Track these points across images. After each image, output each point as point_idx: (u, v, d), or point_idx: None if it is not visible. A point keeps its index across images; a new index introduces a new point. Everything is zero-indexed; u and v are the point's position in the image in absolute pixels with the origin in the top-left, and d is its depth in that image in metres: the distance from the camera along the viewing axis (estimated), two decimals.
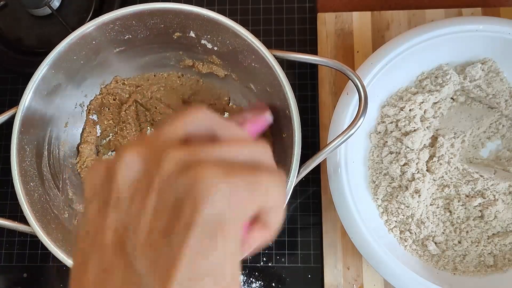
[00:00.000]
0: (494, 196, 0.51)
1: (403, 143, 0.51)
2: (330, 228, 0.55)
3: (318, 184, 0.57)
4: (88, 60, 0.51)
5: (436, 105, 0.53)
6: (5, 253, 0.58)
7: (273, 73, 0.46)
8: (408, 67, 0.53)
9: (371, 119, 0.53)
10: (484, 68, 0.53)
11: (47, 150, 0.51)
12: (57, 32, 0.59)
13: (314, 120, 0.59)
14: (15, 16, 0.61)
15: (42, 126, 0.50)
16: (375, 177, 0.53)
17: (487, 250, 0.50)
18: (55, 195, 0.51)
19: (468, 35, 0.51)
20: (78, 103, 0.55)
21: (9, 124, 0.47)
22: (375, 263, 0.48)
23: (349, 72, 0.45)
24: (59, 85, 0.50)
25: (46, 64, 0.47)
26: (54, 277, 0.58)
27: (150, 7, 0.47)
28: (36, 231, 0.45)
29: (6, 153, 0.57)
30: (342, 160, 0.49)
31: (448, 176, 0.52)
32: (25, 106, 0.47)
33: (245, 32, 0.47)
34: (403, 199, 0.50)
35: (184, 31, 0.50)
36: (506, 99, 0.53)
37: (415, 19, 0.58)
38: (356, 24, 0.59)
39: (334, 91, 0.57)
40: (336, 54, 0.58)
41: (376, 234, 0.49)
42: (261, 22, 0.62)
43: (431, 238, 0.51)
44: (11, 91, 0.62)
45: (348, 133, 0.44)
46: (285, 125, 0.48)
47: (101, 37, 0.49)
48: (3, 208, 0.59)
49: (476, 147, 0.54)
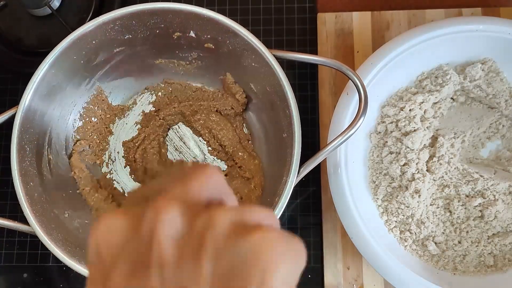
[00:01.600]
0: (494, 196, 0.51)
1: (403, 143, 0.51)
2: (330, 228, 0.55)
3: (318, 184, 0.57)
4: (88, 60, 0.51)
5: (436, 105, 0.53)
6: (5, 253, 0.58)
7: (273, 73, 0.46)
8: (408, 67, 0.53)
9: (371, 119, 0.53)
10: (484, 68, 0.53)
11: (47, 150, 0.51)
12: (57, 32, 0.59)
13: (314, 120, 0.59)
14: (15, 16, 0.61)
15: (42, 126, 0.50)
16: (375, 177, 0.53)
17: (487, 250, 0.50)
18: (55, 195, 0.51)
19: (468, 35, 0.51)
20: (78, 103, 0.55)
21: (9, 124, 0.47)
22: (375, 263, 0.48)
23: (349, 72, 0.45)
24: (59, 85, 0.50)
25: (46, 64, 0.47)
26: (54, 277, 0.58)
27: (150, 7, 0.47)
28: (36, 231, 0.45)
29: (6, 153, 0.57)
30: (342, 160, 0.49)
31: (448, 176, 0.52)
32: (25, 106, 0.47)
33: (245, 32, 0.47)
34: (403, 199, 0.50)
35: (184, 31, 0.50)
36: (506, 99, 0.53)
37: (415, 19, 0.58)
38: (356, 24, 0.59)
39: (334, 91, 0.57)
40: (336, 54, 0.58)
41: (376, 234, 0.49)
42: (261, 22, 0.62)
43: (431, 238, 0.51)
44: (11, 91, 0.62)
45: (348, 133, 0.44)
46: (285, 125, 0.48)
47: (101, 37, 0.49)
48: (3, 208, 0.59)
49: (476, 147, 0.54)
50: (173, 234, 0.20)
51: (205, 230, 0.20)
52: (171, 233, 0.20)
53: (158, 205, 0.20)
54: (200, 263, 0.19)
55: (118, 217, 0.21)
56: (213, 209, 0.20)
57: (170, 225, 0.20)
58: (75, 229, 0.50)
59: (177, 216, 0.20)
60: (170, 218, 0.20)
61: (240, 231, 0.20)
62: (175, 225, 0.20)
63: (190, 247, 0.20)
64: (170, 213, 0.20)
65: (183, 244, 0.20)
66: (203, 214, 0.20)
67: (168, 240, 0.20)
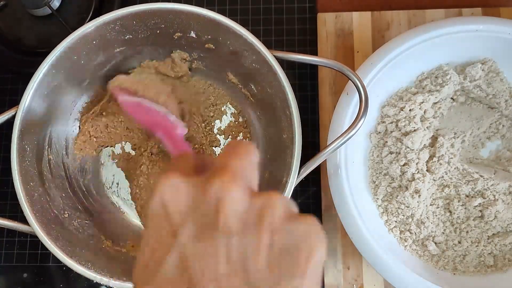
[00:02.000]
0: (494, 196, 0.51)
1: (403, 143, 0.51)
2: (330, 228, 0.55)
3: (318, 185, 0.57)
4: (88, 60, 0.51)
5: (436, 105, 0.53)
6: (5, 253, 0.58)
7: (273, 73, 0.46)
8: (408, 67, 0.53)
9: (371, 119, 0.53)
10: (484, 68, 0.53)
11: (47, 150, 0.51)
12: (57, 32, 0.59)
13: (314, 121, 0.59)
14: (15, 16, 0.61)
15: (42, 126, 0.50)
16: (375, 177, 0.53)
17: (487, 250, 0.50)
18: (55, 195, 0.51)
19: (468, 35, 0.51)
20: (78, 103, 0.55)
21: (9, 124, 0.47)
22: (375, 263, 0.48)
23: (349, 72, 0.45)
24: (59, 85, 0.50)
25: (46, 64, 0.47)
26: (54, 277, 0.58)
27: (150, 7, 0.47)
28: (36, 231, 0.45)
29: (6, 153, 0.57)
30: (342, 160, 0.49)
31: (448, 176, 0.52)
32: (25, 106, 0.47)
33: (246, 33, 0.47)
34: (403, 199, 0.50)
35: (185, 31, 0.50)
36: (506, 99, 0.53)
37: (415, 19, 0.58)
38: (356, 24, 0.59)
39: (334, 91, 0.57)
40: (336, 54, 0.58)
41: (376, 234, 0.49)
42: (261, 22, 0.62)
43: (431, 238, 0.51)
44: (11, 91, 0.62)
45: (348, 135, 0.44)
46: (285, 125, 0.48)
47: (101, 37, 0.49)
48: (3, 208, 0.59)
49: (476, 147, 0.54)
50: (237, 208, 0.23)
51: (264, 210, 0.23)
52: (236, 208, 0.23)
53: (225, 179, 0.24)
54: (260, 235, 0.23)
55: (185, 180, 0.24)
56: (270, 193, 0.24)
57: (235, 200, 0.23)
58: (75, 229, 0.50)
59: (241, 193, 0.23)
60: (236, 194, 0.23)
61: (291, 216, 0.24)
62: (239, 203, 0.23)
63: (251, 222, 0.23)
64: (235, 189, 0.23)
65: (246, 218, 0.23)
66: (261, 196, 0.24)
67: (233, 213, 0.23)
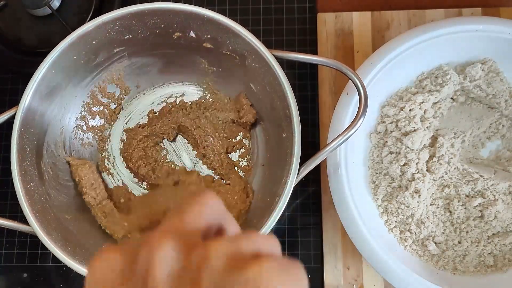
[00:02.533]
0: (494, 196, 0.51)
1: (403, 143, 0.51)
2: (330, 228, 0.55)
3: (318, 184, 0.57)
4: (88, 60, 0.51)
5: (436, 105, 0.53)
6: (5, 253, 0.58)
7: (273, 73, 0.46)
8: (408, 67, 0.53)
9: (371, 119, 0.53)
10: (484, 68, 0.53)
11: (47, 150, 0.51)
12: (57, 32, 0.59)
13: (314, 120, 0.59)
14: (15, 16, 0.61)
15: (42, 126, 0.50)
16: (375, 177, 0.53)
17: (487, 250, 0.50)
18: (55, 195, 0.51)
19: (468, 35, 0.51)
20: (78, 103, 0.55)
21: (9, 124, 0.47)
22: (375, 263, 0.48)
23: (349, 72, 0.45)
24: (59, 85, 0.50)
25: (46, 64, 0.47)
26: (54, 277, 0.58)
27: (150, 7, 0.48)
28: (36, 231, 0.45)
29: (6, 153, 0.57)
30: (342, 160, 0.49)
31: (448, 176, 0.52)
32: (25, 106, 0.47)
33: (245, 32, 0.47)
34: (403, 199, 0.50)
35: (184, 31, 0.50)
36: (506, 99, 0.53)
37: (415, 19, 0.58)
38: (356, 24, 0.59)
39: (334, 91, 0.57)
40: (336, 54, 0.58)
41: (376, 234, 0.49)
42: (261, 22, 0.62)
43: (431, 238, 0.51)
44: (11, 91, 0.62)
45: (348, 133, 0.44)
46: (285, 125, 0.48)
47: (101, 37, 0.49)
48: (3, 208, 0.59)
49: (476, 147, 0.54)
50: (168, 270, 0.20)
51: (201, 265, 0.20)
52: (166, 270, 0.20)
53: (152, 240, 0.20)
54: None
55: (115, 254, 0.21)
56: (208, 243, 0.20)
57: (165, 261, 0.20)
58: (75, 229, 0.50)
59: (171, 251, 0.20)
60: (165, 255, 0.20)
61: (236, 264, 0.19)
62: (169, 261, 0.20)
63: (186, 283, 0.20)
64: (164, 249, 0.20)
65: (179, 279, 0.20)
66: (198, 248, 0.20)
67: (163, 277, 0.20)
